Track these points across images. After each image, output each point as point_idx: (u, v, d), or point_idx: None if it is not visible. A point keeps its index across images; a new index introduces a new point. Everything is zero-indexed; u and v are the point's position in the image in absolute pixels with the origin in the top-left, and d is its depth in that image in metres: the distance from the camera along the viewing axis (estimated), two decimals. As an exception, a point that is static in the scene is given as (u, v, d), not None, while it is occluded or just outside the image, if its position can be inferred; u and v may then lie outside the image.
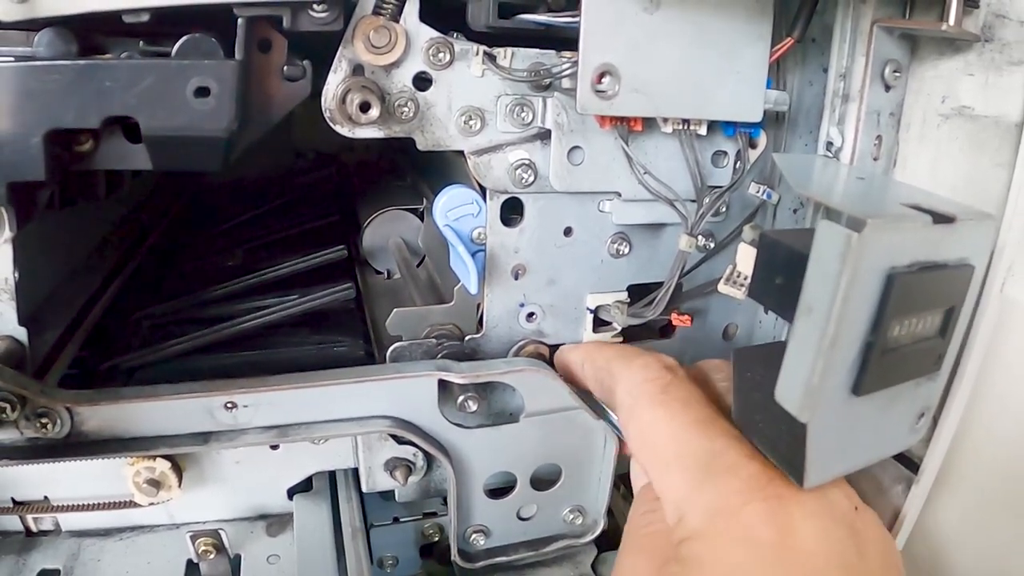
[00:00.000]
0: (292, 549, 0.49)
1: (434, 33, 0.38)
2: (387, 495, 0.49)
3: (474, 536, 0.48)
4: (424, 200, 0.64)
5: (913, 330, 0.28)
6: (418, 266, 0.62)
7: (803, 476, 0.29)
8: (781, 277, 0.30)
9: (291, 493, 0.52)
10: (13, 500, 0.47)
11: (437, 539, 0.56)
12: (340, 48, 0.37)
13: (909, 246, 0.27)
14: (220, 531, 0.49)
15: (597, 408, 0.44)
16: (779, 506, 0.29)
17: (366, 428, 0.42)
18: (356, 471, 0.49)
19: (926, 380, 0.31)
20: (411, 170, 0.76)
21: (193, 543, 0.49)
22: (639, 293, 0.47)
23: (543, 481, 0.48)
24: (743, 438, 0.32)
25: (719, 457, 0.31)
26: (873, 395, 0.28)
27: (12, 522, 0.50)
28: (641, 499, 0.37)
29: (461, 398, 0.44)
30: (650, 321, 0.46)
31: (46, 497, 0.47)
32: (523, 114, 0.41)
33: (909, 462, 0.45)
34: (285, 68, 0.37)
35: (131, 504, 0.45)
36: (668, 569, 0.31)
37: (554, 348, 0.48)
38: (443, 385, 0.42)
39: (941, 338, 0.30)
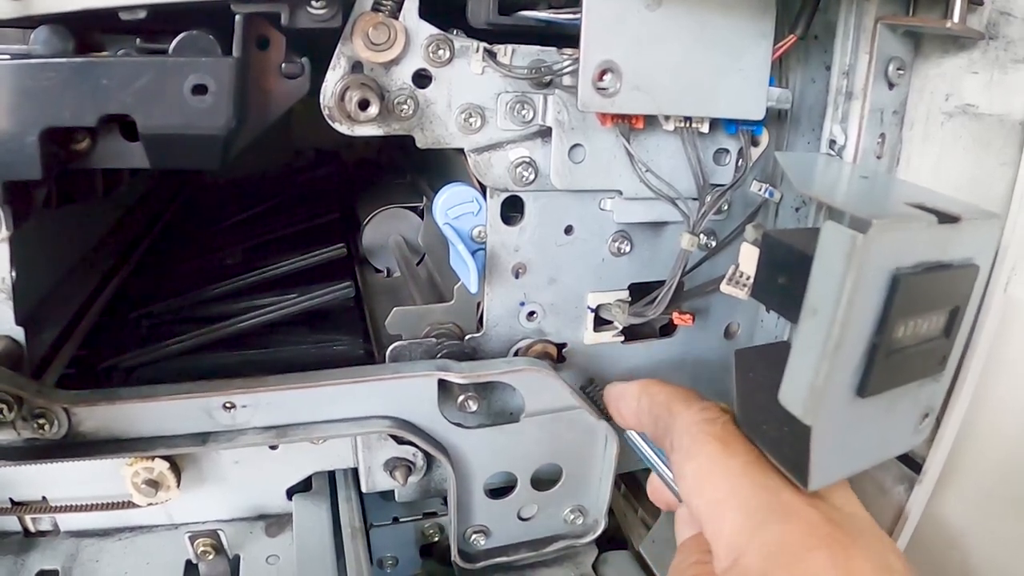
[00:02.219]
0: (291, 549, 0.49)
1: (434, 30, 0.38)
2: (387, 495, 0.49)
3: (474, 536, 0.48)
4: (424, 198, 0.63)
5: (917, 331, 0.28)
6: (418, 264, 0.62)
7: (807, 478, 0.29)
8: (784, 277, 0.30)
9: (290, 493, 0.52)
10: (11, 500, 0.47)
11: (437, 539, 0.55)
12: (339, 45, 0.37)
13: (914, 246, 0.26)
14: (219, 531, 0.49)
15: (597, 409, 0.44)
16: (844, 556, 0.28)
17: (365, 428, 0.41)
18: (356, 471, 0.49)
19: (930, 381, 0.31)
20: (411, 168, 0.75)
21: (192, 544, 0.49)
22: (640, 292, 0.46)
23: (544, 481, 0.48)
24: None
25: (779, 498, 0.30)
26: (877, 396, 0.28)
27: (10, 522, 0.49)
28: (688, 549, 0.36)
29: (461, 398, 0.44)
30: (651, 320, 0.45)
31: (44, 497, 0.47)
32: (523, 112, 0.41)
33: (912, 462, 0.45)
34: (283, 65, 0.37)
35: (130, 504, 0.45)
36: None
37: (561, 348, 0.48)
38: (443, 385, 0.42)
39: (946, 338, 0.30)
